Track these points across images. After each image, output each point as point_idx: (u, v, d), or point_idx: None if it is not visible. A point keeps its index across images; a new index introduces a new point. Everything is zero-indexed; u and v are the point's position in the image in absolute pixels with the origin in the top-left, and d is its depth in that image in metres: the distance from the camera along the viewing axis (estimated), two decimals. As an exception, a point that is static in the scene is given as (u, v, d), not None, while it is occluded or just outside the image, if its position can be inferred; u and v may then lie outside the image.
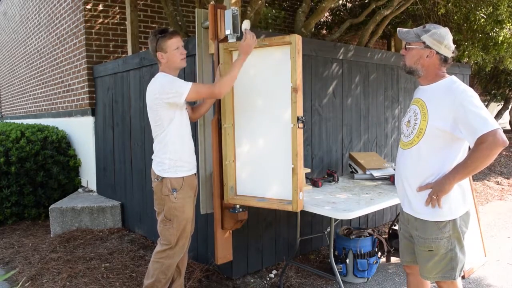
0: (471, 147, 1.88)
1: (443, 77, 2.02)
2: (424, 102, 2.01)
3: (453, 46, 2.00)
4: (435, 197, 1.94)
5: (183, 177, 2.46)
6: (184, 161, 2.47)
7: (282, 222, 3.43)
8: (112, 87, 4.54)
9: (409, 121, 2.09)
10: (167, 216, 2.47)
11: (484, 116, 1.81)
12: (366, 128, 4.29)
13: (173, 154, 2.43)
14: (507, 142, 1.79)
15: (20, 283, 3.19)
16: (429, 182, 1.98)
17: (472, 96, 1.88)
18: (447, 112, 1.90)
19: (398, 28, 2.11)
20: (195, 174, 2.58)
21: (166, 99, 2.33)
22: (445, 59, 1.99)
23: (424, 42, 1.97)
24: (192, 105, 2.71)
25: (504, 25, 5.14)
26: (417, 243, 2.08)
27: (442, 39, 1.96)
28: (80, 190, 5.24)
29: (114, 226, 4.43)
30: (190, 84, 2.35)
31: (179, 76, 3.39)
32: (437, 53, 1.97)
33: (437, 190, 1.93)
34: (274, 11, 5.90)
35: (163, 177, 2.44)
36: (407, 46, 2.05)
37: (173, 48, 2.42)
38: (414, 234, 2.09)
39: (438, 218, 1.98)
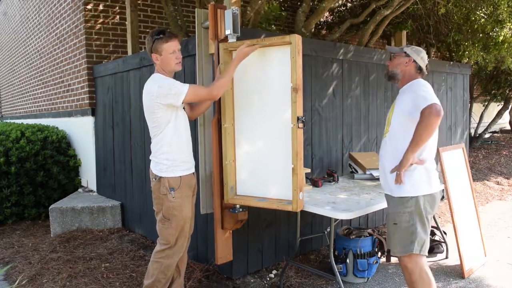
0: None
1: (414, 79, 2.44)
2: (396, 99, 2.51)
3: (426, 61, 2.48)
4: (398, 173, 2.28)
5: (180, 176, 2.45)
6: (181, 161, 2.47)
7: (282, 222, 3.43)
8: (112, 87, 4.54)
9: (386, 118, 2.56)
10: (165, 215, 2.47)
11: (425, 96, 2.23)
12: (366, 128, 4.29)
13: (170, 155, 2.43)
14: (442, 112, 2.16)
15: (17, 281, 3.19)
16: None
17: (423, 85, 2.35)
18: (407, 100, 2.33)
19: (387, 45, 2.60)
20: (193, 173, 2.57)
21: (164, 101, 2.33)
22: (420, 69, 2.45)
23: (405, 52, 2.46)
24: (191, 104, 2.71)
25: (504, 25, 5.14)
26: (387, 219, 2.45)
27: (419, 52, 2.46)
28: (80, 190, 5.24)
29: (114, 226, 4.43)
30: (187, 86, 2.35)
31: (180, 76, 3.41)
32: (414, 61, 2.44)
33: (398, 166, 2.28)
34: (271, 10, 5.88)
35: (160, 177, 2.44)
36: (391, 56, 2.52)
37: (169, 52, 2.40)
38: (387, 212, 2.46)
39: (402, 194, 2.33)
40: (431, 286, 2.36)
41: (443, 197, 5.15)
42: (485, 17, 5.27)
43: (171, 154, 2.43)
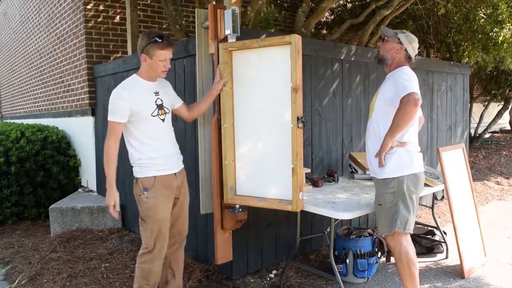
0: None
1: (400, 66, 2.50)
2: (381, 85, 2.57)
3: (417, 50, 2.54)
4: (379, 156, 2.41)
5: (155, 176, 2.40)
6: (155, 162, 2.41)
7: (282, 222, 3.43)
8: (112, 87, 4.52)
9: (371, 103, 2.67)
10: (142, 217, 2.43)
11: (405, 84, 2.31)
12: (366, 128, 4.28)
13: (142, 156, 2.40)
14: (420, 101, 2.24)
15: (17, 281, 3.19)
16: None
17: (406, 73, 2.40)
18: (390, 87, 2.42)
19: (382, 26, 2.67)
20: (175, 174, 2.51)
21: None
22: (409, 57, 2.52)
23: (398, 39, 2.50)
24: (188, 105, 2.70)
25: (504, 25, 5.14)
26: (374, 201, 2.58)
27: (412, 41, 2.51)
28: (80, 190, 5.24)
29: (114, 226, 4.43)
30: (116, 120, 2.30)
31: (180, 76, 3.41)
32: (405, 50, 2.49)
33: (379, 150, 2.41)
34: (275, 11, 5.89)
35: (137, 178, 2.42)
36: (385, 39, 2.56)
37: (160, 59, 2.35)
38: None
39: (385, 176, 2.45)
40: (410, 266, 2.46)
41: (443, 197, 5.15)
42: (485, 17, 5.27)
43: (142, 155, 2.40)
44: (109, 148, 2.33)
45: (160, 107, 2.44)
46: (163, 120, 2.46)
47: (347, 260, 3.13)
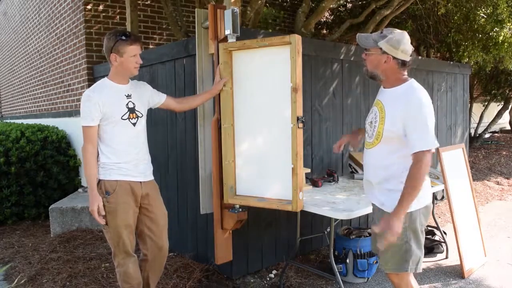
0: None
1: (404, 81, 2.07)
2: (383, 105, 2.10)
3: (410, 50, 2.04)
4: (390, 236, 1.92)
5: (117, 180, 2.34)
6: (120, 166, 2.36)
7: (282, 222, 3.43)
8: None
9: (371, 122, 2.19)
10: (104, 220, 2.36)
11: (422, 136, 1.91)
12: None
13: (107, 159, 2.35)
14: (431, 158, 1.90)
15: (16, 280, 3.19)
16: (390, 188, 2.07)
17: (424, 106, 1.95)
18: (399, 119, 1.98)
19: (358, 34, 2.14)
20: (141, 182, 2.43)
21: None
22: (403, 63, 2.04)
23: (381, 48, 2.02)
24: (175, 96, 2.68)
25: (504, 25, 5.14)
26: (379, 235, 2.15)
27: (398, 45, 2.00)
28: (80, 190, 5.24)
29: (114, 226, 4.43)
30: (89, 124, 2.27)
31: (180, 76, 3.41)
32: (394, 58, 2.01)
33: (390, 229, 1.91)
34: (274, 11, 5.90)
35: (100, 180, 2.35)
36: (366, 52, 2.10)
37: (131, 55, 2.30)
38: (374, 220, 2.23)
39: None
40: None
41: (443, 197, 5.16)
42: (485, 17, 5.28)
43: (109, 159, 2.35)
44: (87, 153, 2.30)
45: (131, 110, 2.38)
46: (134, 124, 2.39)
47: (347, 260, 3.13)
